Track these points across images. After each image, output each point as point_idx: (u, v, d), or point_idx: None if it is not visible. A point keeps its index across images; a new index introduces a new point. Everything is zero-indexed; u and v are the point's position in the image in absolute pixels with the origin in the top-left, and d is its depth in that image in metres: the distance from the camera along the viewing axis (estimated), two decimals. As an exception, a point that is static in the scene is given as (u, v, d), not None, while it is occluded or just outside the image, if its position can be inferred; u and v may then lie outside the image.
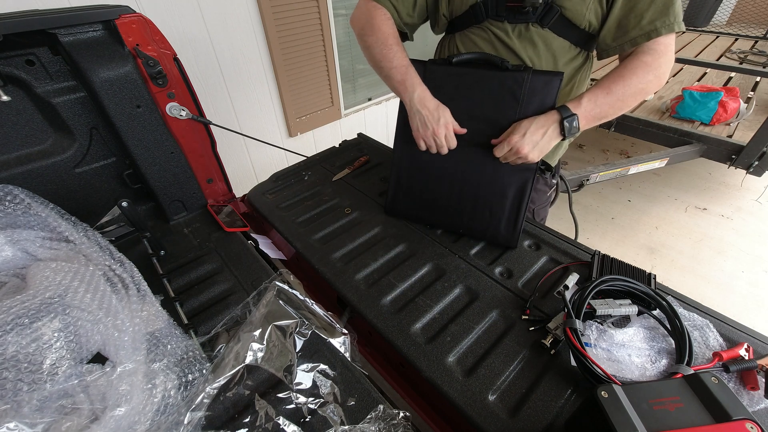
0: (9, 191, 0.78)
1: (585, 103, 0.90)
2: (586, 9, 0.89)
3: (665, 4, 0.85)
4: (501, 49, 1.00)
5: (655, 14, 0.86)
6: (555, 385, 0.72)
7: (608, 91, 0.91)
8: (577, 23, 0.92)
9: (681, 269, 2.55)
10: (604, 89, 0.91)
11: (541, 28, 0.94)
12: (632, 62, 0.91)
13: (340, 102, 2.75)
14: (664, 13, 0.85)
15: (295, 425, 0.66)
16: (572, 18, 0.92)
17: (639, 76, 0.90)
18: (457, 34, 1.08)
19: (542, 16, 0.92)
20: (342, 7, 2.48)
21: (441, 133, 0.94)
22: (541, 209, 1.37)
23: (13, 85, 0.89)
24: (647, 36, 0.88)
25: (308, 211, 1.20)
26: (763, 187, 3.13)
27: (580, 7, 0.89)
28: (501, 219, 1.01)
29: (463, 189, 1.03)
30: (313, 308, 0.83)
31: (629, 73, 0.90)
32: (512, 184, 0.98)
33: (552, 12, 0.91)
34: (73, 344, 0.58)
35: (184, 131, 1.11)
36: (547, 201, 1.38)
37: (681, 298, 0.85)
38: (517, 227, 1.00)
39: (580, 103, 0.90)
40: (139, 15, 0.93)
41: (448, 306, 0.89)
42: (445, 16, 1.05)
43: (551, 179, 1.34)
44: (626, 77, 0.91)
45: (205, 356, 0.74)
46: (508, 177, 0.98)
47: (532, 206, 1.32)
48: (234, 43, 2.04)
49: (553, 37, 0.96)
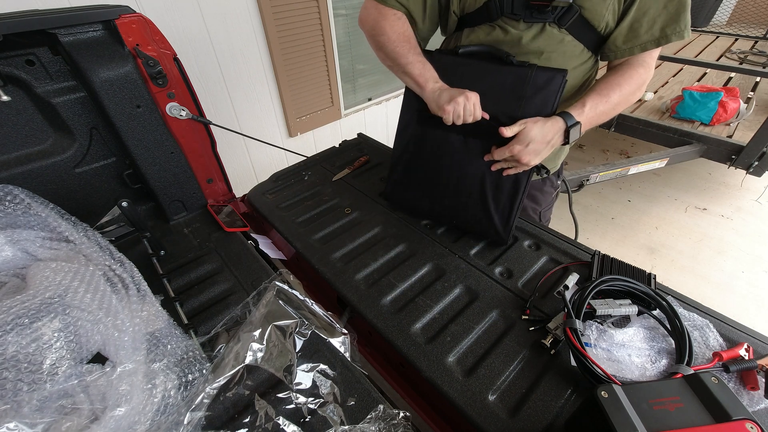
0: (9, 191, 0.77)
1: (587, 111, 0.90)
2: (606, 9, 0.87)
3: (677, 11, 0.84)
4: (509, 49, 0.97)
5: (667, 20, 0.85)
6: (555, 385, 0.72)
7: (607, 98, 0.91)
8: (595, 24, 0.90)
9: (681, 269, 2.55)
10: (604, 96, 0.91)
11: (558, 28, 0.92)
12: (627, 71, 0.93)
13: (340, 102, 2.75)
14: (675, 20, 0.85)
15: (295, 425, 0.66)
16: (591, 19, 0.89)
17: (631, 85, 0.92)
18: (465, 31, 1.04)
19: (561, 16, 0.89)
20: (342, 7, 2.48)
21: (471, 96, 0.89)
22: (546, 211, 1.37)
23: (13, 85, 0.88)
24: (656, 42, 0.88)
25: (308, 211, 1.20)
26: (763, 187, 3.13)
27: (599, 7, 0.87)
28: (494, 213, 1.01)
29: (458, 179, 1.03)
30: (313, 308, 0.83)
31: (625, 82, 0.92)
32: (508, 179, 0.98)
33: (571, 11, 0.88)
34: (73, 344, 0.58)
35: (184, 131, 1.11)
36: (551, 203, 1.38)
37: (681, 298, 0.85)
38: (509, 222, 1.00)
39: (583, 110, 0.90)
40: (139, 15, 0.93)
41: (448, 306, 0.89)
42: (455, 13, 1.02)
43: (557, 181, 1.33)
44: (622, 85, 0.92)
45: (205, 356, 0.74)
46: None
47: (539, 208, 1.32)
48: (234, 43, 2.04)
49: (569, 40, 0.93)
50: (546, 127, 0.88)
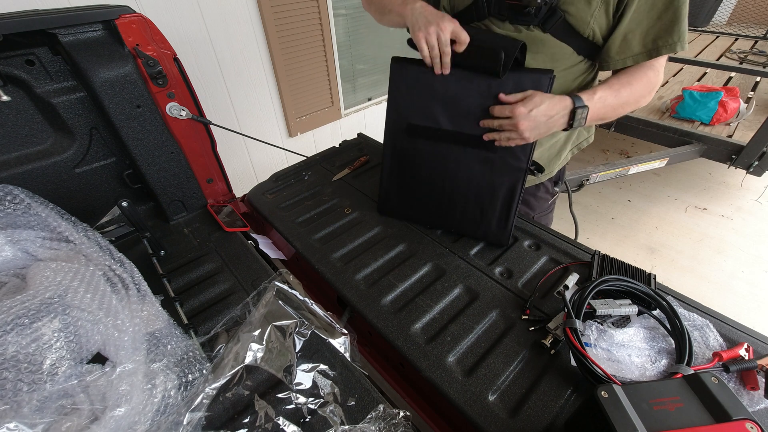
0: (9, 191, 0.77)
1: (596, 99, 0.87)
2: (591, 17, 0.87)
3: (672, 22, 0.83)
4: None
5: (660, 32, 0.85)
6: (555, 385, 0.72)
7: (617, 93, 0.89)
8: (580, 31, 0.90)
9: (681, 269, 2.55)
10: (614, 91, 0.89)
11: (542, 31, 0.92)
12: (638, 72, 0.91)
13: (340, 102, 2.75)
14: (668, 32, 0.84)
15: (295, 425, 0.66)
16: (575, 25, 0.89)
17: (642, 86, 0.91)
18: None
19: (544, 20, 0.89)
20: (342, 7, 2.48)
21: (447, 27, 0.83)
22: (542, 217, 1.34)
23: (13, 85, 0.89)
24: (648, 55, 0.88)
25: (308, 211, 1.20)
26: (763, 187, 3.13)
27: (584, 14, 0.87)
28: (492, 218, 1.00)
29: (452, 188, 1.02)
30: (313, 308, 0.83)
31: (636, 82, 0.90)
32: (502, 184, 0.97)
33: (555, 16, 0.88)
34: (73, 344, 0.58)
35: (184, 131, 1.11)
36: (547, 209, 1.35)
37: (681, 298, 0.85)
38: (508, 226, 1.00)
39: (592, 97, 0.87)
40: (139, 15, 0.93)
41: (448, 306, 0.89)
42: (444, 8, 1.03)
43: (552, 187, 1.30)
44: (633, 84, 0.90)
45: (205, 356, 0.74)
46: (498, 177, 0.96)
47: (531, 213, 1.30)
48: (234, 43, 2.04)
49: (555, 42, 0.93)
50: (554, 100, 0.84)
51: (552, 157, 1.18)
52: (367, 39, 2.79)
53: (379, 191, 1.14)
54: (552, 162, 1.19)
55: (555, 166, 1.21)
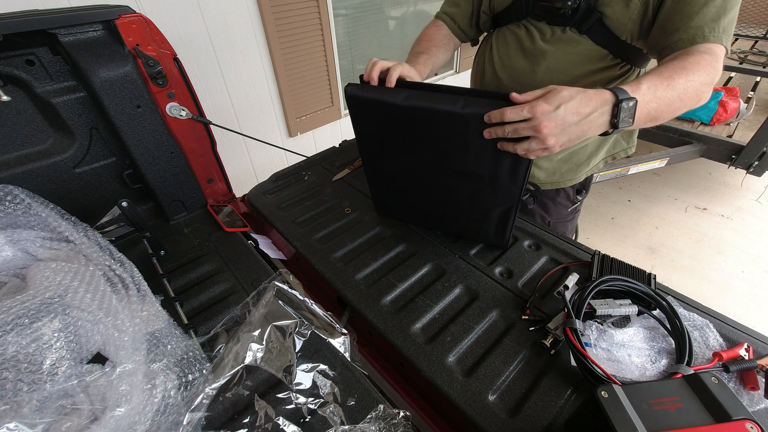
0: (9, 191, 0.77)
1: (645, 90, 0.67)
2: (629, 20, 0.82)
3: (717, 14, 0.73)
4: (530, 48, 0.96)
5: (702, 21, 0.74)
6: (555, 385, 0.72)
7: (669, 82, 0.69)
8: (618, 33, 0.85)
9: (681, 269, 2.55)
10: (666, 79, 0.69)
11: (578, 33, 0.88)
12: (693, 56, 0.72)
13: (340, 102, 2.75)
14: (714, 22, 0.74)
15: (294, 425, 0.66)
16: (612, 27, 0.84)
17: (700, 73, 0.71)
18: (494, 33, 1.08)
19: (580, 21, 0.86)
20: (342, 7, 2.49)
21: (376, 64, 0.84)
22: (558, 224, 1.24)
23: (13, 85, 0.89)
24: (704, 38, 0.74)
25: (308, 211, 1.20)
26: (763, 187, 3.13)
27: (622, 16, 0.82)
28: (489, 230, 0.97)
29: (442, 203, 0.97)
30: (313, 308, 0.83)
31: (692, 67, 0.71)
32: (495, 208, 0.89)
33: (591, 17, 0.85)
34: (73, 344, 0.58)
35: (184, 131, 1.11)
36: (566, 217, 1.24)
37: (681, 298, 0.85)
38: (505, 236, 0.97)
39: (639, 87, 0.67)
40: (139, 15, 0.93)
41: (448, 306, 0.89)
42: (485, 13, 1.06)
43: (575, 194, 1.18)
44: (689, 70, 0.70)
45: (205, 356, 0.74)
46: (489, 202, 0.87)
47: (548, 218, 1.22)
48: (234, 43, 2.04)
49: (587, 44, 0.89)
50: (587, 94, 0.64)
51: (580, 163, 1.09)
52: (367, 39, 2.79)
53: (371, 192, 1.12)
54: (579, 168, 1.10)
55: (582, 174, 1.11)
